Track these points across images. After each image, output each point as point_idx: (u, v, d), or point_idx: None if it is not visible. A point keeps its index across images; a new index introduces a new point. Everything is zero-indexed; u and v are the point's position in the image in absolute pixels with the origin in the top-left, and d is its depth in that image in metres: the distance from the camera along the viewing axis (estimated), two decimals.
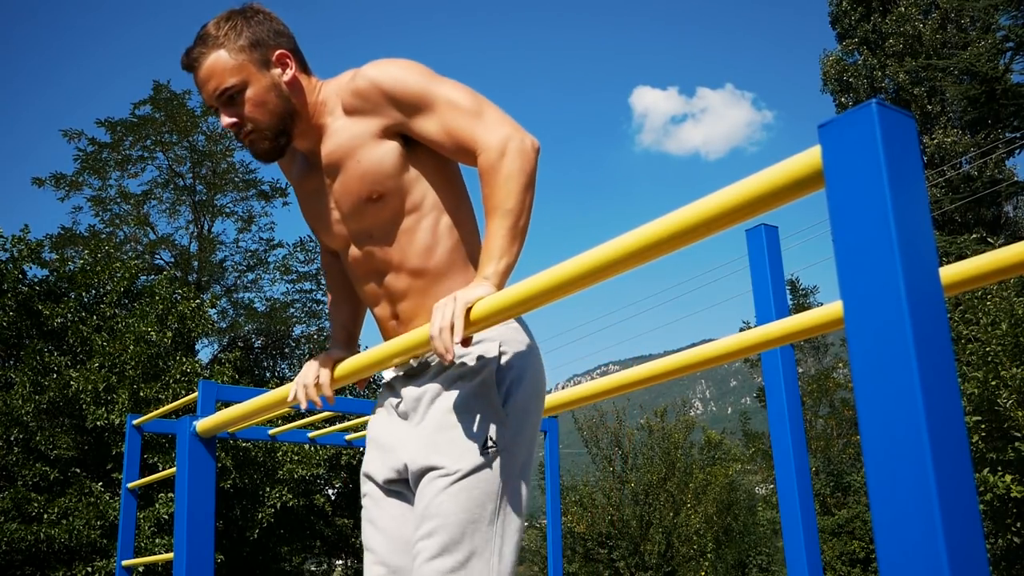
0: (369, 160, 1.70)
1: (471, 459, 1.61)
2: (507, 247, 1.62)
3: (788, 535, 2.55)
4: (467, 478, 1.60)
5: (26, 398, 12.38)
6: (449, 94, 1.68)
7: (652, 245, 1.31)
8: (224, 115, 1.73)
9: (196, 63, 1.72)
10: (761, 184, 1.16)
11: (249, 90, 1.71)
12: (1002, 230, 19.99)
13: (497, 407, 1.65)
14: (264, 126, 1.73)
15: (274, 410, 2.51)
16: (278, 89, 1.73)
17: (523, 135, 1.66)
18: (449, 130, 1.67)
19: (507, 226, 1.62)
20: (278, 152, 1.77)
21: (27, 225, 13.94)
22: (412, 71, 1.69)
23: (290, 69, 1.75)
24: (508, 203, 1.62)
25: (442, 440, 1.65)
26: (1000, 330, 11.36)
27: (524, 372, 1.71)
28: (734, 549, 21.27)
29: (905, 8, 21.34)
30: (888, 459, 0.93)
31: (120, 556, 4.52)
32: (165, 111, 20.44)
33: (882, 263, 0.97)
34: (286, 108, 1.74)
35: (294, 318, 21.86)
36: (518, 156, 1.63)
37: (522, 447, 1.68)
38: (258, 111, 1.72)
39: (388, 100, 1.68)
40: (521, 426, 1.68)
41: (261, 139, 1.74)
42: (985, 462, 11.09)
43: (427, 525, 1.61)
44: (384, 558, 1.75)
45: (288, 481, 15.29)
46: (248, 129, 1.73)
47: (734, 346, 2.18)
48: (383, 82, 1.67)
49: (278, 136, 1.75)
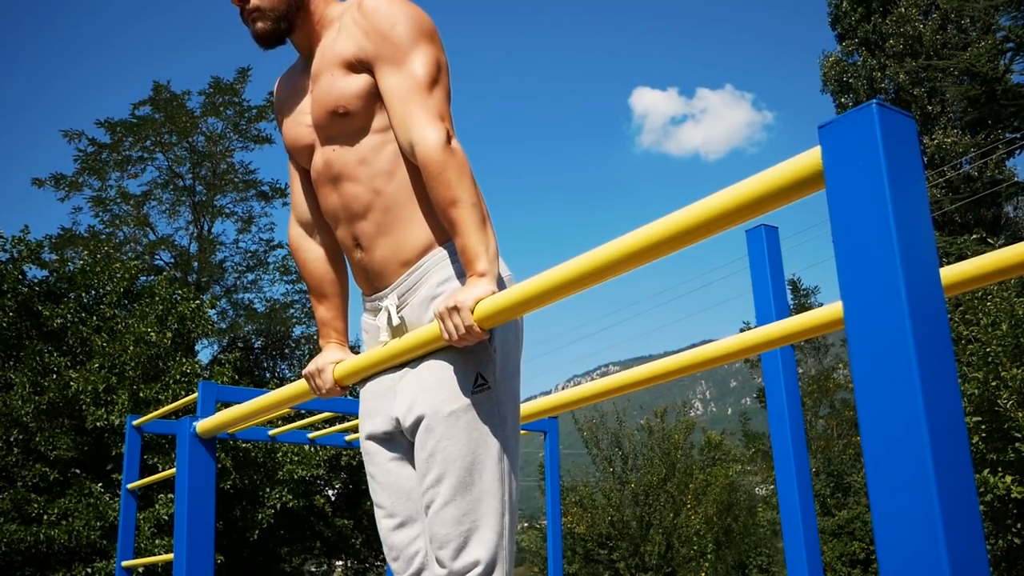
0: (341, 78, 1.77)
1: (464, 399, 1.65)
2: (485, 237, 1.65)
3: (788, 536, 2.55)
4: (463, 418, 1.64)
5: (26, 399, 12.38)
6: (418, 64, 1.72)
7: (653, 246, 1.31)
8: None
9: None
10: (761, 185, 1.16)
11: None
12: (1002, 231, 19.99)
13: (483, 347, 1.69)
14: (269, 7, 1.81)
15: (274, 411, 2.51)
16: None
17: (455, 137, 1.71)
18: (398, 96, 1.71)
19: (476, 218, 1.65)
20: (275, 36, 1.85)
21: (27, 226, 13.92)
22: (409, 20, 1.74)
23: None
24: (469, 197, 1.65)
25: (434, 383, 1.68)
26: (1000, 331, 11.35)
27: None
28: (734, 550, 21.26)
29: (905, 9, 21.33)
30: (888, 460, 0.93)
31: (120, 557, 4.52)
32: (165, 112, 20.44)
33: (882, 264, 0.97)
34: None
35: (294, 319, 21.85)
36: (459, 153, 1.68)
37: (509, 379, 1.72)
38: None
39: (374, 36, 1.73)
40: (507, 359, 1.73)
41: (263, 18, 1.82)
42: (985, 463, 11.08)
43: (433, 472, 1.63)
44: (391, 510, 1.78)
45: (288, 482, 15.28)
46: (253, 6, 1.81)
47: (734, 347, 2.18)
48: (377, 18, 1.74)
49: (280, 20, 1.82)
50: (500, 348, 1.71)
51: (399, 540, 1.76)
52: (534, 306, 1.51)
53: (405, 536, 1.76)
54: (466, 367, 1.67)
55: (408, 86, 1.71)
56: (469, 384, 1.66)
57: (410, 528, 1.76)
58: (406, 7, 1.75)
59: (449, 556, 1.60)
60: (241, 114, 21.06)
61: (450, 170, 1.65)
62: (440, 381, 1.67)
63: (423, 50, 1.73)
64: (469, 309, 1.57)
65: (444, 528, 1.61)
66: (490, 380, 1.67)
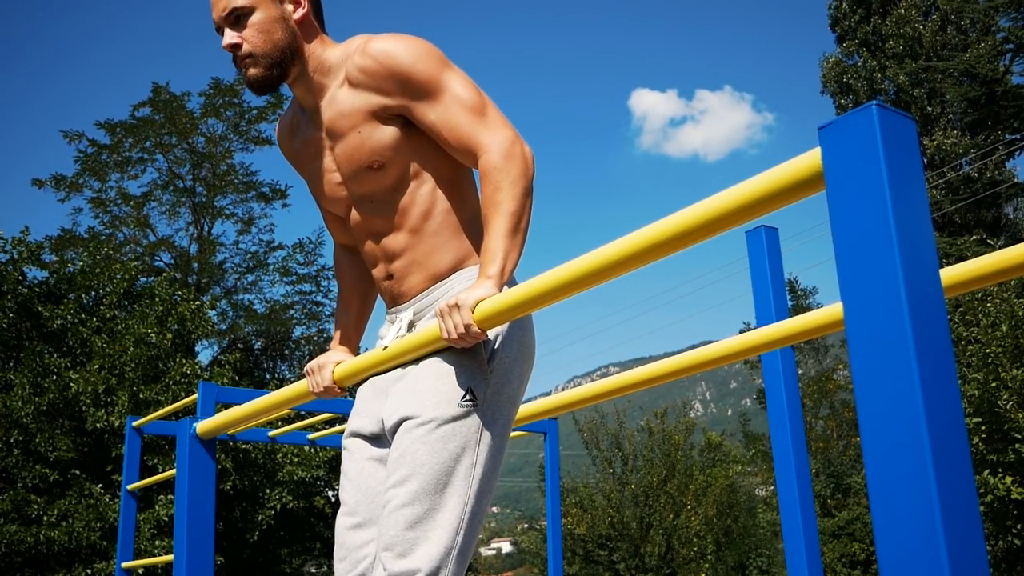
0: (371, 133, 1.74)
1: (448, 409, 1.63)
2: (508, 248, 1.64)
3: (788, 537, 2.55)
4: (443, 427, 1.62)
5: (26, 400, 12.37)
6: (456, 88, 1.71)
7: (653, 247, 1.31)
8: (227, 35, 1.77)
9: None
10: (762, 186, 1.16)
11: (256, 15, 1.76)
12: (1002, 231, 19.99)
13: (481, 362, 1.68)
14: (262, 53, 1.76)
15: (274, 412, 2.51)
16: (285, 23, 1.78)
17: (522, 142, 1.71)
18: (450, 125, 1.70)
19: (509, 227, 1.64)
20: (269, 83, 1.79)
21: (27, 227, 13.94)
22: (424, 55, 1.71)
23: (302, 9, 1.80)
24: (511, 205, 1.65)
25: (422, 389, 1.67)
26: (1000, 332, 11.36)
27: (513, 333, 1.74)
28: (734, 551, 21.25)
29: (905, 10, 21.35)
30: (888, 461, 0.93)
31: (120, 558, 4.51)
32: (164, 113, 20.45)
33: (882, 264, 0.97)
34: (289, 43, 1.78)
35: (294, 320, 21.85)
36: (520, 160, 1.67)
37: (502, 406, 1.70)
38: (260, 37, 1.76)
39: (395, 81, 1.70)
40: (503, 385, 1.70)
41: (255, 64, 1.77)
42: (985, 464, 11.08)
43: (399, 472, 1.62)
44: (353, 508, 1.76)
45: (288, 483, 15.28)
46: (245, 52, 1.76)
47: (734, 348, 2.18)
48: (392, 63, 1.69)
49: (272, 67, 1.77)
50: (498, 371, 1.69)
51: (352, 540, 1.74)
52: (534, 307, 1.51)
53: (359, 538, 1.73)
54: (458, 380, 1.66)
55: (458, 110, 1.69)
56: (457, 397, 1.64)
57: (366, 530, 1.73)
58: (415, 43, 1.72)
59: (391, 558, 1.58)
60: (241, 115, 21.07)
61: (505, 176, 1.65)
62: (429, 388, 1.66)
63: (451, 75, 1.72)
64: (469, 308, 1.56)
65: (394, 529, 1.58)
66: (479, 398, 1.66)
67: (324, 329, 21.97)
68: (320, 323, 22.05)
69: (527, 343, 1.77)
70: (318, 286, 21.94)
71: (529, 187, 1.68)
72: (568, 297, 1.48)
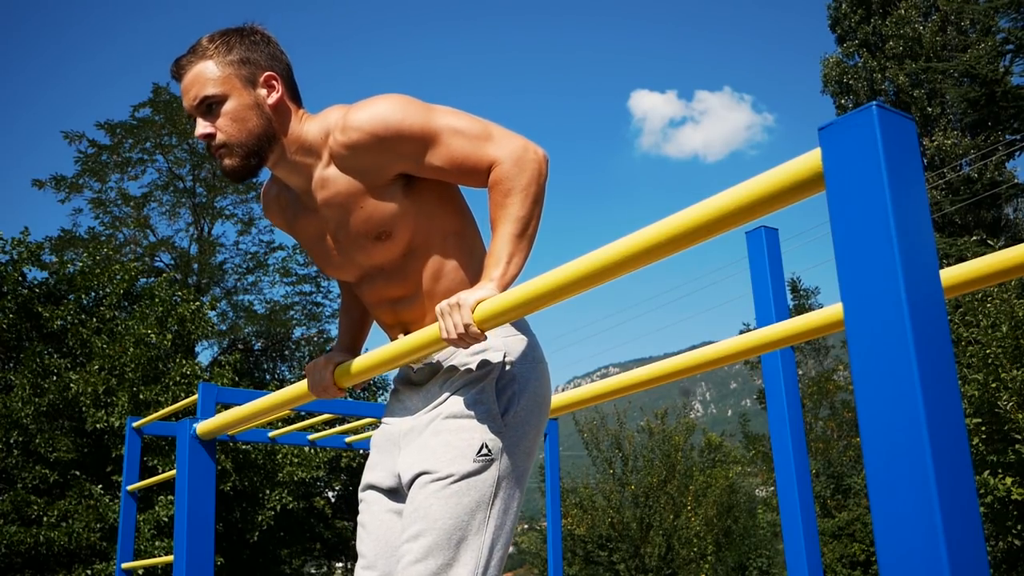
0: (374, 207, 1.69)
1: (464, 464, 1.62)
2: (513, 253, 1.63)
3: (788, 537, 2.55)
4: (458, 483, 1.60)
5: (26, 400, 12.38)
6: (451, 123, 1.66)
7: (653, 247, 1.31)
8: (199, 124, 1.70)
9: (183, 70, 1.71)
10: (762, 186, 1.16)
11: (229, 103, 1.68)
12: (1002, 232, 19.99)
13: (496, 416, 1.66)
14: (236, 142, 1.69)
15: (274, 412, 2.51)
16: (260, 109, 1.70)
17: (534, 146, 1.68)
18: (457, 159, 1.66)
19: (515, 233, 1.63)
20: (247, 172, 1.72)
21: (27, 228, 13.94)
22: (407, 106, 1.65)
23: (276, 93, 1.71)
24: (519, 211, 1.63)
25: (437, 444, 1.65)
26: (1000, 332, 11.36)
27: (527, 385, 1.72)
28: (734, 552, 21.25)
29: (905, 10, 21.35)
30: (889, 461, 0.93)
31: (120, 559, 4.51)
32: (164, 114, 20.46)
33: (882, 265, 0.97)
34: (265, 130, 1.70)
35: (294, 320, 21.86)
36: (531, 165, 1.65)
37: (518, 459, 1.68)
38: (234, 126, 1.68)
39: (390, 143, 1.64)
40: (519, 438, 1.68)
41: (231, 155, 1.70)
42: (985, 464, 11.08)
43: (414, 527, 1.61)
44: (372, 561, 1.75)
45: (288, 484, 15.29)
46: (219, 142, 1.69)
47: (734, 348, 2.18)
48: (382, 127, 1.63)
49: (249, 156, 1.70)
50: (512, 424, 1.68)
51: None
52: (535, 308, 1.51)
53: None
54: (473, 434, 1.64)
55: (461, 141, 1.65)
56: (472, 452, 1.63)
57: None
58: (393, 99, 1.65)
59: None
60: None
61: (516, 183, 1.63)
62: (444, 443, 1.64)
63: (440, 114, 1.67)
64: (470, 308, 1.55)
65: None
66: (494, 452, 1.64)
67: (324, 330, 21.99)
68: (320, 324, 22.08)
69: (542, 394, 1.75)
70: (318, 287, 21.96)
71: (539, 193, 1.66)
72: (569, 298, 1.48)
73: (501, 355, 1.71)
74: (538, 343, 1.81)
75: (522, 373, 1.72)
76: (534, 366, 1.75)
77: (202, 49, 1.71)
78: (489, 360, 1.71)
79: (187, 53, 1.72)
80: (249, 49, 1.72)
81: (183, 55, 1.72)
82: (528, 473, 1.72)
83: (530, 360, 1.75)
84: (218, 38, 1.72)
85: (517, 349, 1.74)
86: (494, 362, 1.70)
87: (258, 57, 1.72)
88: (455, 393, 1.70)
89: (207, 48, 1.71)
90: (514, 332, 1.76)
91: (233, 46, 1.71)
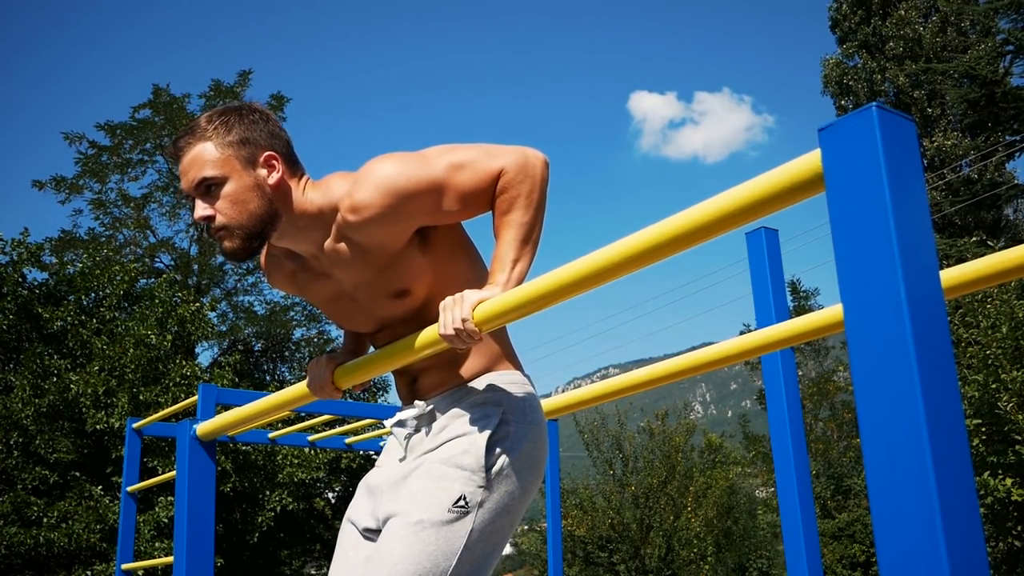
0: (392, 268, 1.69)
1: (436, 512, 1.58)
2: (518, 258, 1.63)
3: (788, 538, 2.55)
4: (427, 530, 1.56)
5: (26, 402, 12.38)
6: (450, 161, 1.64)
7: (653, 248, 1.31)
8: (198, 206, 1.66)
9: (181, 152, 1.67)
10: (761, 187, 1.16)
11: (228, 185, 1.64)
12: (1002, 233, 20.00)
13: (481, 470, 1.62)
14: (237, 224, 1.65)
15: (274, 414, 2.51)
16: (260, 190, 1.66)
17: (533, 151, 1.68)
18: (469, 193, 1.65)
19: (519, 238, 1.64)
20: (248, 254, 1.69)
21: (27, 228, 13.95)
22: (405, 168, 1.62)
23: (276, 172, 1.68)
24: (522, 216, 1.64)
25: (417, 488, 1.63)
26: (1000, 333, 11.36)
27: (520, 444, 1.69)
28: (734, 552, 21.25)
29: (905, 11, 21.36)
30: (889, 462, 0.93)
31: (120, 560, 4.51)
32: (165, 115, 20.46)
33: (882, 266, 0.97)
34: (267, 211, 1.66)
35: (294, 321, 21.84)
36: (532, 171, 1.66)
37: (496, 517, 1.63)
38: (234, 209, 1.65)
39: (399, 212, 1.62)
40: (502, 497, 1.64)
41: (231, 237, 1.66)
42: (986, 465, 11.08)
43: (374, 568, 1.57)
44: None
45: (288, 485, 15.28)
46: (219, 224, 1.65)
47: (734, 349, 2.18)
48: (387, 200, 1.60)
49: (251, 238, 1.67)
50: (497, 480, 1.64)
51: None
52: (536, 308, 1.51)
53: None
54: (453, 484, 1.60)
55: (467, 176, 1.64)
56: (449, 501, 1.58)
57: None
58: (391, 165, 1.62)
59: None
60: None
61: (519, 190, 1.63)
62: (423, 489, 1.61)
63: (435, 160, 1.64)
64: (471, 304, 1.55)
65: None
66: (471, 505, 1.59)
67: (324, 331, 21.97)
68: (320, 324, 22.06)
69: (535, 457, 1.71)
70: None
71: (542, 198, 1.66)
72: (569, 298, 1.48)
73: (500, 411, 1.69)
74: (539, 404, 1.79)
75: (517, 433, 1.69)
76: (530, 428, 1.72)
77: (200, 130, 1.67)
78: (487, 413, 1.69)
79: (185, 134, 1.68)
80: (248, 129, 1.68)
81: (181, 135, 1.68)
82: (507, 535, 1.66)
83: (528, 422, 1.72)
84: (216, 118, 1.68)
85: (516, 407, 1.72)
86: (491, 416, 1.68)
87: (257, 136, 1.68)
88: (447, 441, 1.68)
89: (206, 129, 1.67)
90: (516, 389, 1.75)
91: (232, 126, 1.67)
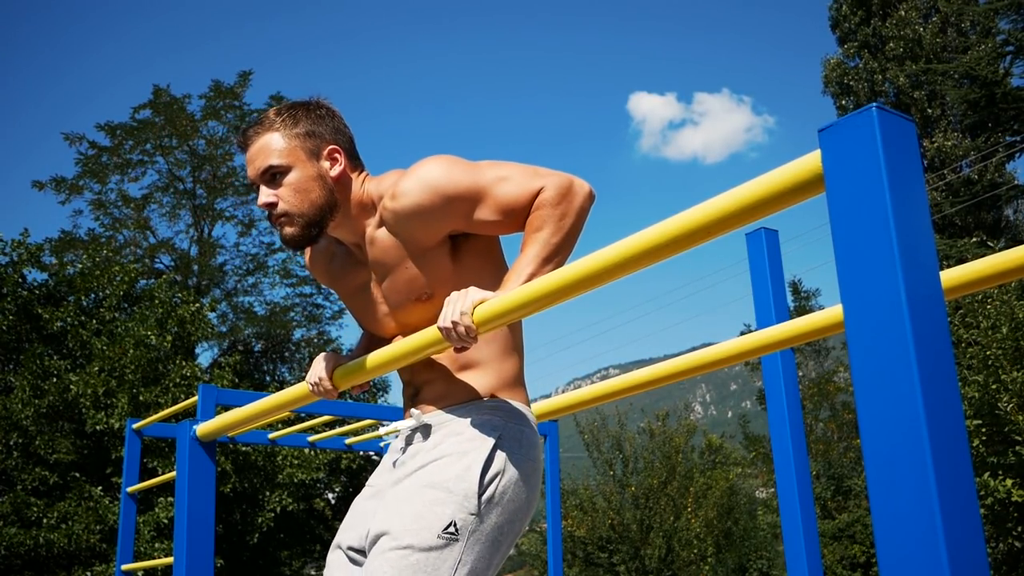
0: (419, 267, 1.72)
1: (426, 537, 1.56)
2: (534, 273, 1.60)
3: (789, 539, 2.54)
4: (415, 554, 1.55)
5: (26, 402, 12.38)
6: (497, 173, 1.68)
7: (653, 249, 1.31)
8: (262, 193, 1.74)
9: (249, 141, 1.76)
10: (761, 188, 1.16)
11: (292, 174, 1.73)
12: (1002, 234, 20.00)
13: (472, 496, 1.60)
14: (298, 213, 1.73)
15: (274, 414, 2.51)
16: (323, 181, 1.74)
17: (580, 180, 1.69)
18: (507, 205, 1.67)
19: (543, 255, 1.62)
20: (307, 241, 1.76)
21: (27, 229, 13.94)
22: (451, 170, 1.66)
23: (339, 165, 1.76)
24: (551, 236, 1.63)
25: (407, 509, 1.60)
26: (1000, 334, 11.36)
27: (514, 475, 1.67)
28: (735, 553, 21.24)
29: (905, 12, 21.37)
30: (889, 463, 0.93)
31: (120, 560, 4.51)
32: (165, 115, 20.47)
33: (882, 267, 0.97)
34: (327, 201, 1.74)
35: (294, 322, 21.85)
36: (573, 198, 1.66)
37: (486, 545, 1.60)
38: (297, 197, 1.72)
39: (436, 210, 1.66)
40: (492, 525, 1.62)
41: (291, 224, 1.73)
42: (986, 466, 11.08)
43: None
44: None
45: (288, 485, 15.29)
46: (281, 211, 1.73)
47: (735, 350, 2.18)
48: (427, 195, 1.65)
49: (310, 226, 1.74)
50: (489, 509, 1.61)
51: None
52: (535, 309, 1.51)
53: None
54: (444, 508, 1.58)
55: (508, 187, 1.65)
56: (439, 527, 1.56)
57: None
58: (439, 165, 1.67)
59: None
60: (242, 118, 21.09)
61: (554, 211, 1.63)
62: (413, 511, 1.59)
63: (484, 170, 1.68)
64: (472, 301, 1.54)
65: None
66: (462, 532, 1.57)
67: (324, 331, 21.99)
68: (320, 325, 22.08)
69: (527, 497, 1.70)
70: (318, 288, 21.93)
71: (577, 227, 1.65)
72: (569, 299, 1.48)
73: (497, 435, 1.67)
74: (538, 442, 1.77)
75: (514, 462, 1.67)
76: (526, 463, 1.70)
77: (269, 121, 1.76)
78: (484, 436, 1.67)
79: (254, 124, 1.77)
80: (314, 123, 1.77)
81: (250, 126, 1.77)
82: (495, 561, 1.64)
83: (525, 458, 1.70)
84: (285, 111, 1.77)
85: (515, 438, 1.70)
86: (487, 439, 1.66)
87: (323, 131, 1.77)
88: (439, 459, 1.65)
89: (274, 120, 1.76)
90: (516, 419, 1.73)
91: (299, 119, 1.76)
